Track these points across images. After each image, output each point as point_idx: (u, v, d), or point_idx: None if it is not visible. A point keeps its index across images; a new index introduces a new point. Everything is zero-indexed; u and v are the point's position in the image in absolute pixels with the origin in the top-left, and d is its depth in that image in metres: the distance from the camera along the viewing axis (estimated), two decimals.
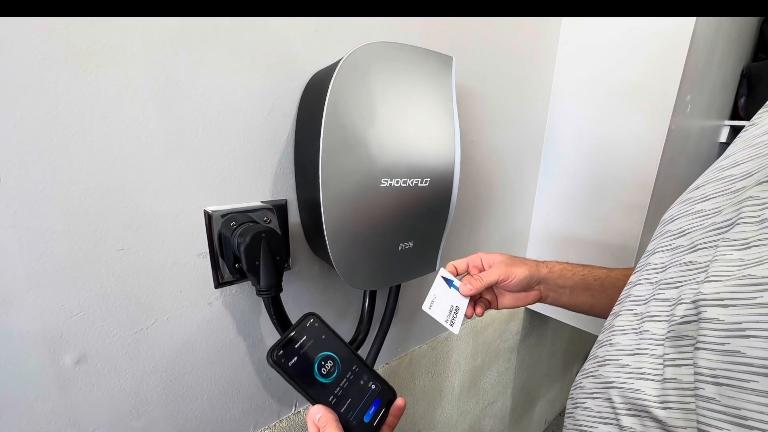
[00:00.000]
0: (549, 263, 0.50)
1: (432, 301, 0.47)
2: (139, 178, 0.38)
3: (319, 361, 0.33)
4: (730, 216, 0.25)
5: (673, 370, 0.25)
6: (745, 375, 0.20)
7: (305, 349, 0.32)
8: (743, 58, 1.19)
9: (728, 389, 0.21)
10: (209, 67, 0.40)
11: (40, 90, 0.31)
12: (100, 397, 0.41)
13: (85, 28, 0.32)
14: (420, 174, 0.50)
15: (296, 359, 0.31)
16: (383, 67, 0.44)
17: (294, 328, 0.33)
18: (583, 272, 0.49)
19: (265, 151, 0.46)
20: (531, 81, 0.83)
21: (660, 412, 0.24)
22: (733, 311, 0.21)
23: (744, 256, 0.22)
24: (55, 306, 0.36)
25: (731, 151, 0.29)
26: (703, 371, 0.22)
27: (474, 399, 1.03)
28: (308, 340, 0.33)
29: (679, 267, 0.27)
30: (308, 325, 0.34)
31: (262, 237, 0.41)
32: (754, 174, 0.25)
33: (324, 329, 0.34)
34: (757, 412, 0.20)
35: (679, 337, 0.25)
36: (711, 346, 0.22)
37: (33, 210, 0.33)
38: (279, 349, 0.31)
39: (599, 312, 0.48)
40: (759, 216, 0.23)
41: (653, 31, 0.72)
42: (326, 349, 0.33)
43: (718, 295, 0.22)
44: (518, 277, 0.47)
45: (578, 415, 0.32)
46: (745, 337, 0.20)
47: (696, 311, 0.23)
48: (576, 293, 0.49)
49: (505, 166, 0.84)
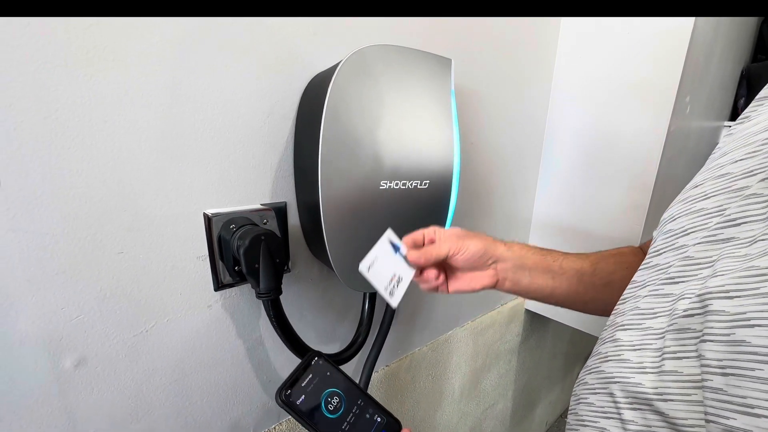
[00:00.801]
0: (509, 243, 0.46)
1: (372, 262, 0.41)
2: (139, 182, 0.38)
3: (326, 398, 0.34)
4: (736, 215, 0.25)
5: (674, 362, 0.25)
6: (751, 364, 0.20)
7: (312, 387, 0.34)
8: (742, 58, 1.19)
9: (734, 379, 0.21)
10: (208, 70, 0.40)
11: (40, 94, 0.32)
12: (99, 400, 0.41)
13: (85, 31, 0.32)
14: (419, 176, 0.50)
15: (304, 398, 0.33)
16: (382, 70, 0.45)
17: (299, 368, 0.35)
18: (542, 253, 0.46)
19: (265, 153, 0.46)
20: (530, 82, 0.83)
21: (661, 404, 0.25)
22: (738, 302, 0.22)
23: (750, 251, 0.23)
24: (54, 309, 0.36)
25: (727, 148, 0.30)
26: (710, 363, 0.22)
27: (474, 401, 1.03)
28: (314, 378, 0.35)
29: (679, 264, 0.28)
30: (312, 363, 0.35)
31: (262, 239, 0.41)
32: (757, 172, 0.25)
33: (328, 366, 0.36)
34: (763, 399, 0.20)
35: (682, 330, 0.25)
36: (717, 338, 0.22)
37: (32, 213, 0.33)
38: (287, 389, 0.33)
39: (559, 298, 0.46)
40: (765, 212, 0.23)
41: (652, 32, 0.72)
42: (331, 386, 0.35)
43: (723, 287, 0.23)
44: (470, 250, 0.42)
45: (581, 410, 0.33)
46: (750, 327, 0.21)
47: (701, 304, 0.24)
48: (536, 275, 0.45)
49: (504, 168, 0.84)
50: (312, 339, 0.58)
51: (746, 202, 0.25)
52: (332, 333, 0.61)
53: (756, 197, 0.24)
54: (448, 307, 0.83)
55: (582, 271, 0.46)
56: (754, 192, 0.24)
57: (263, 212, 0.47)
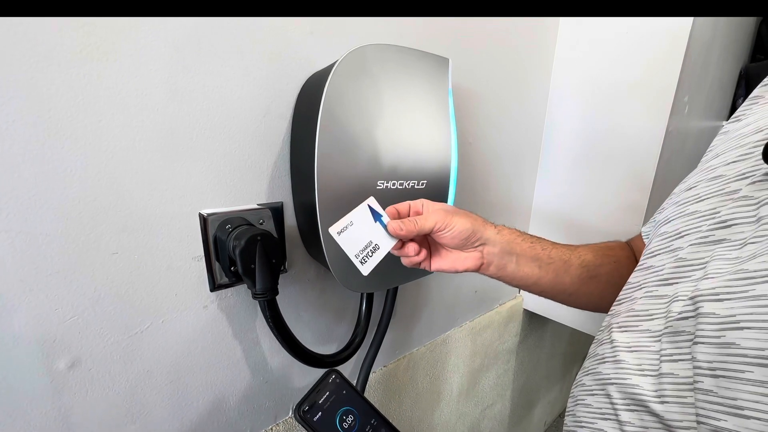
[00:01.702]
0: (499, 226, 0.44)
1: (345, 227, 0.38)
2: (134, 182, 0.38)
3: (341, 416, 0.35)
4: (728, 217, 0.25)
5: (670, 365, 0.25)
6: (741, 366, 0.21)
7: (328, 404, 0.35)
8: (741, 58, 1.19)
9: (725, 381, 0.21)
10: (204, 69, 0.39)
11: (33, 93, 0.31)
12: (94, 401, 0.40)
13: (78, 30, 0.32)
14: (416, 176, 0.50)
15: (320, 414, 0.34)
16: (379, 70, 0.44)
17: (317, 385, 0.36)
18: (531, 240, 0.45)
19: (261, 153, 0.46)
20: (529, 82, 0.83)
21: (657, 406, 0.25)
22: (728, 304, 0.22)
23: (740, 254, 0.23)
24: (48, 310, 0.36)
25: (720, 149, 0.30)
26: (701, 365, 0.23)
27: (473, 401, 1.03)
28: (330, 396, 0.35)
29: (673, 265, 0.28)
30: (330, 381, 0.36)
31: (258, 240, 0.41)
32: (748, 175, 0.25)
33: (344, 385, 0.37)
34: (752, 401, 0.20)
35: (677, 333, 0.25)
36: (708, 340, 0.22)
37: (26, 214, 0.33)
38: (304, 405, 0.34)
39: (544, 287, 0.45)
40: (755, 215, 0.23)
41: (651, 32, 0.72)
42: (347, 404, 0.36)
43: (714, 290, 0.23)
44: (457, 228, 0.40)
45: (578, 412, 0.33)
46: (739, 329, 0.21)
47: (694, 307, 0.24)
48: (522, 262, 0.44)
49: (502, 168, 0.84)
50: (309, 340, 0.58)
51: (737, 204, 0.25)
52: (329, 333, 0.61)
53: (746, 200, 0.24)
54: (446, 308, 0.83)
55: (569, 263, 0.44)
56: (744, 195, 0.25)
57: (259, 212, 0.47)
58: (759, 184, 0.24)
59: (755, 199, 0.24)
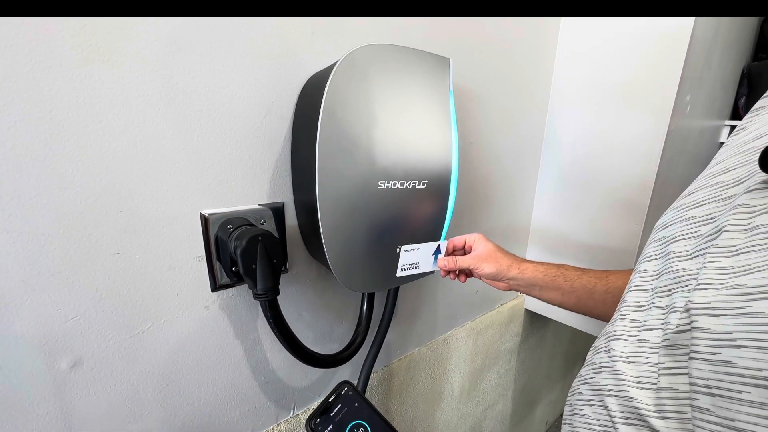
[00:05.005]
0: (523, 265, 0.52)
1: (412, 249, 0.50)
2: (135, 182, 0.38)
3: (351, 429, 0.35)
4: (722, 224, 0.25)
5: (669, 379, 0.24)
6: (738, 386, 0.20)
7: (339, 417, 0.35)
8: (743, 57, 1.18)
9: (722, 400, 0.21)
10: (205, 70, 0.39)
11: (35, 94, 0.31)
12: (96, 401, 0.40)
13: (80, 30, 0.32)
14: (417, 176, 0.50)
15: (331, 428, 0.34)
16: (380, 69, 0.44)
17: (330, 397, 0.36)
18: (555, 273, 0.51)
19: (262, 153, 0.46)
20: (530, 82, 0.82)
21: (658, 421, 0.24)
22: (724, 320, 0.21)
23: (733, 264, 0.22)
24: (50, 310, 0.36)
25: (722, 157, 0.29)
26: (697, 381, 0.22)
27: (474, 401, 1.03)
28: (342, 408, 0.35)
29: (671, 274, 0.27)
30: (342, 393, 0.37)
31: (259, 240, 0.41)
32: (744, 181, 0.25)
33: (357, 397, 0.37)
34: (751, 423, 0.19)
35: (674, 346, 0.25)
36: (703, 356, 0.22)
37: (28, 214, 0.33)
38: (316, 417, 0.34)
39: (569, 308, 0.52)
40: (749, 224, 0.23)
41: (652, 32, 0.71)
42: (358, 417, 0.36)
43: (709, 304, 0.22)
44: (484, 271, 0.51)
45: (576, 422, 0.32)
46: (736, 347, 0.20)
47: (689, 320, 0.23)
48: (545, 291, 0.51)
49: (503, 168, 0.84)
50: (310, 339, 0.58)
51: (732, 212, 0.24)
52: (330, 333, 0.61)
53: (742, 207, 0.24)
54: (448, 308, 0.83)
55: (593, 290, 0.49)
56: (741, 202, 0.24)
57: (260, 212, 0.47)
58: (756, 192, 0.23)
59: (751, 207, 0.23)
